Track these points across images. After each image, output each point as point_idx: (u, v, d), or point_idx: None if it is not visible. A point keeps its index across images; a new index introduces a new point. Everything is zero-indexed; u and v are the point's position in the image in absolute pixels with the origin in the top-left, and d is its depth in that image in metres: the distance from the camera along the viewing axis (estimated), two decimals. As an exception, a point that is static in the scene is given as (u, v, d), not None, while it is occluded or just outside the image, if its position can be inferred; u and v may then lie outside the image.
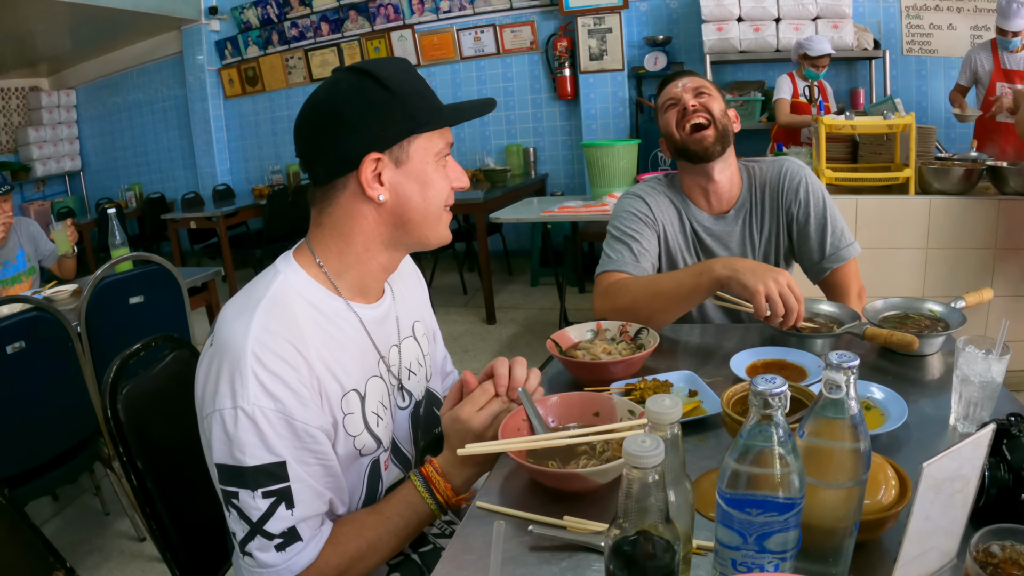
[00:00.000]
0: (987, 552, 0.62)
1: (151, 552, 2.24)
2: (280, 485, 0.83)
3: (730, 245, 1.60)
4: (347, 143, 0.90)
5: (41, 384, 1.96)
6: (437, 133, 0.95)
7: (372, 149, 0.90)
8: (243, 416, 0.82)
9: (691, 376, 1.18)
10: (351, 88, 0.91)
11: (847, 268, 1.56)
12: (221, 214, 5.14)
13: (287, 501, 0.84)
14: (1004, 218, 2.71)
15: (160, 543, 1.06)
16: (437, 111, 0.94)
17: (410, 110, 0.91)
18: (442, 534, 1.12)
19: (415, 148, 0.92)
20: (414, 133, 0.92)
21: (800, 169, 1.58)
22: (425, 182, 0.94)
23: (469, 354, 3.82)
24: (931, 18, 4.31)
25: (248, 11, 6.02)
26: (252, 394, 0.82)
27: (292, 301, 0.90)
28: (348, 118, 0.90)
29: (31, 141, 6.53)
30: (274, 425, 0.83)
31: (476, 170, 5.25)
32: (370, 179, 0.90)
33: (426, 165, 0.93)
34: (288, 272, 0.93)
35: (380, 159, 0.90)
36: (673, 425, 0.65)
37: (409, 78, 0.94)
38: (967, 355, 0.97)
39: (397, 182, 0.92)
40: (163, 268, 2.32)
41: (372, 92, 0.90)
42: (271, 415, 0.82)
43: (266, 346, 0.84)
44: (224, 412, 0.82)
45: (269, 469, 0.83)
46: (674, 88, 1.57)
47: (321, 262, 0.95)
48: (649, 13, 4.90)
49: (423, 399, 1.12)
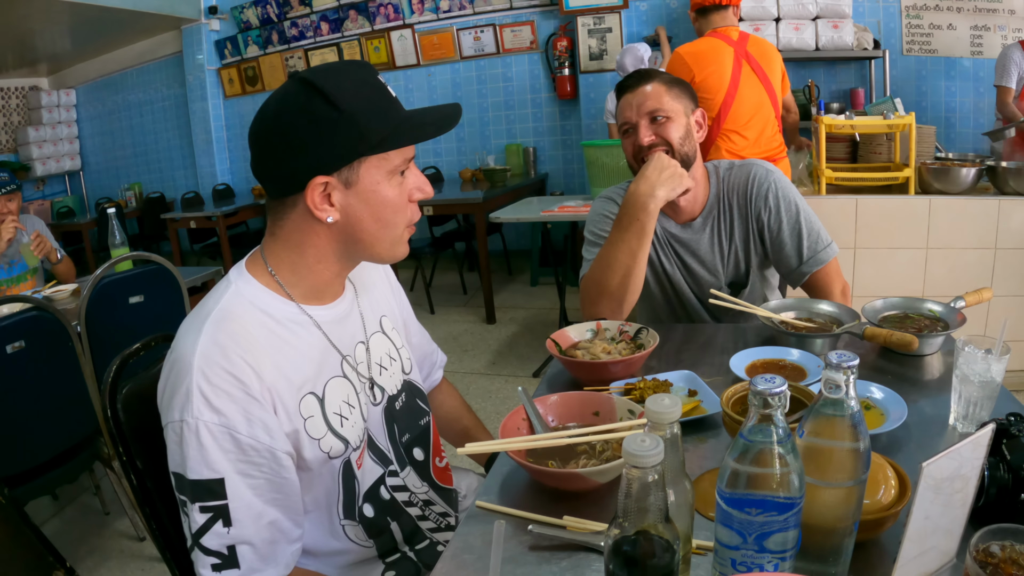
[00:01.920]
0: (987, 552, 0.62)
1: (151, 552, 2.24)
2: (218, 502, 0.82)
3: (699, 252, 1.60)
4: (292, 165, 0.86)
5: (41, 384, 1.95)
6: (396, 150, 0.89)
7: (318, 173, 0.86)
8: (187, 430, 0.81)
9: (691, 376, 1.18)
10: (298, 105, 0.85)
11: (828, 269, 1.54)
12: (221, 214, 5.14)
13: (224, 518, 0.83)
14: (1004, 218, 2.71)
15: (160, 543, 1.06)
16: (392, 128, 0.88)
17: (360, 130, 0.85)
18: (437, 528, 1.11)
19: (366, 168, 0.88)
20: (364, 156, 0.87)
21: (768, 174, 1.54)
22: (377, 203, 0.89)
23: (469, 354, 3.82)
24: (931, 18, 4.31)
25: (248, 11, 6.02)
26: (196, 408, 0.81)
27: (242, 311, 0.88)
28: (293, 139, 0.85)
29: (31, 140, 6.53)
30: (217, 439, 0.82)
31: (476, 170, 5.25)
32: (318, 201, 0.87)
33: (378, 185, 0.89)
34: (240, 283, 0.92)
35: (328, 182, 0.86)
36: (672, 425, 0.65)
37: (364, 90, 0.87)
38: (967, 355, 0.97)
39: (347, 204, 0.88)
40: (163, 268, 2.32)
41: (320, 110, 0.84)
42: (214, 429, 0.82)
43: (212, 360, 0.83)
44: (173, 425, 0.83)
45: (207, 485, 0.82)
46: (628, 109, 1.50)
47: (273, 271, 0.93)
48: (649, 13, 4.90)
49: (399, 392, 1.09)
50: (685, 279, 1.63)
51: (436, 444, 1.16)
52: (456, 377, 3.43)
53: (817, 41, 4.18)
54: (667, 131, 1.48)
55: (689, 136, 1.50)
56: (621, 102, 1.53)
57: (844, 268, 1.62)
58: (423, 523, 1.09)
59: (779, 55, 2.87)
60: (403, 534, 1.05)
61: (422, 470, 1.11)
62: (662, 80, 1.51)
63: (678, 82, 1.53)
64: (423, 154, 5.82)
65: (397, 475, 1.06)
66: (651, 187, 1.42)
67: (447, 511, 1.13)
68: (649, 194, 1.41)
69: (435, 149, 5.82)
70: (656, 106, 1.48)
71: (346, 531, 0.99)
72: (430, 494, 1.11)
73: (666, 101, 1.48)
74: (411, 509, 1.07)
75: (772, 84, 2.78)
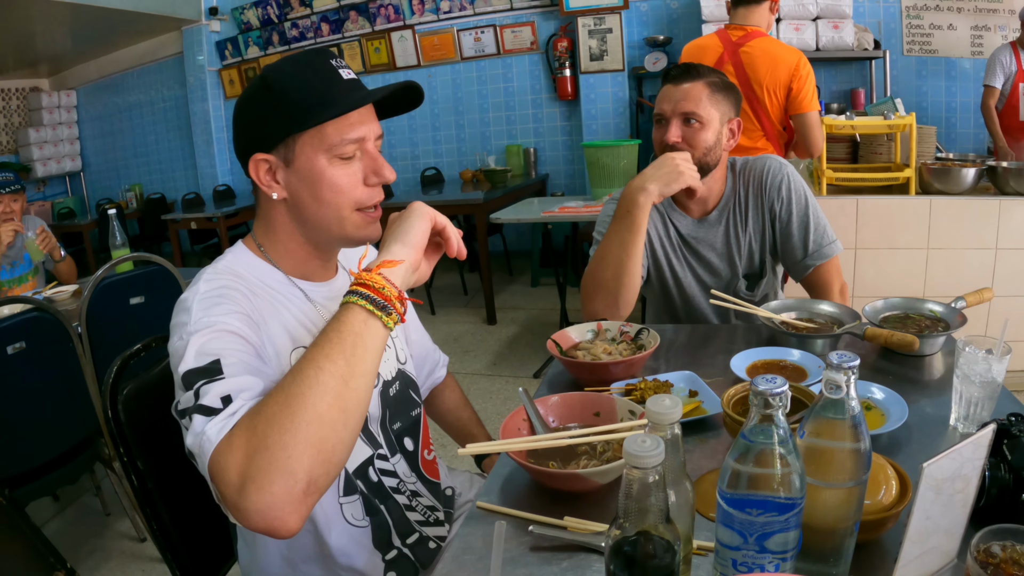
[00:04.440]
0: (988, 552, 0.62)
1: (152, 552, 2.23)
2: (214, 377, 0.78)
3: (715, 245, 1.61)
4: (240, 144, 0.94)
5: (41, 384, 1.95)
6: (332, 127, 0.89)
7: (257, 150, 0.91)
8: (185, 338, 0.81)
9: (691, 376, 1.18)
10: (246, 92, 0.94)
11: (829, 265, 1.56)
12: (221, 214, 5.14)
13: (217, 377, 0.78)
14: (1005, 218, 2.70)
15: (161, 543, 1.06)
16: (325, 105, 0.88)
17: (288, 108, 0.88)
18: (426, 522, 1.10)
19: (301, 147, 0.90)
20: (292, 133, 0.89)
21: (782, 167, 1.58)
22: (314, 182, 0.91)
23: (470, 354, 3.82)
24: (931, 18, 4.31)
25: (248, 11, 6.02)
26: (194, 320, 0.82)
27: (241, 271, 0.94)
28: (238, 121, 0.94)
29: (31, 142, 6.53)
30: (215, 336, 0.81)
31: (476, 170, 5.25)
32: (263, 178, 0.92)
33: (315, 163, 0.90)
34: (236, 252, 0.98)
35: (268, 159, 0.91)
36: (673, 425, 0.65)
37: (303, 72, 0.90)
38: (968, 355, 0.97)
39: (289, 182, 0.93)
40: (163, 268, 2.32)
41: (257, 93, 0.92)
42: (214, 329, 0.82)
43: (212, 295, 0.86)
44: (175, 345, 0.82)
45: (203, 368, 0.78)
46: (666, 101, 1.50)
47: (261, 246, 0.99)
48: (649, 13, 4.90)
49: (394, 379, 1.09)
50: (697, 279, 1.64)
51: (426, 437, 1.16)
52: (457, 378, 3.42)
53: (817, 41, 4.18)
54: (696, 137, 1.48)
55: (717, 145, 1.50)
56: (662, 91, 1.53)
57: (845, 268, 1.63)
58: (411, 514, 1.08)
59: (788, 65, 2.54)
60: (392, 521, 1.05)
61: (411, 460, 1.11)
62: (707, 82, 1.48)
63: (723, 87, 1.50)
64: (423, 154, 5.83)
65: (387, 459, 1.06)
66: (643, 181, 1.43)
67: (435, 504, 1.13)
68: (640, 188, 1.43)
69: (435, 150, 5.82)
70: (692, 109, 1.47)
71: (344, 511, 0.99)
72: (418, 485, 1.11)
73: (703, 106, 1.47)
74: (399, 496, 1.07)
75: (756, 91, 2.62)
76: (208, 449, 0.72)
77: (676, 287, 1.65)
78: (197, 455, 0.75)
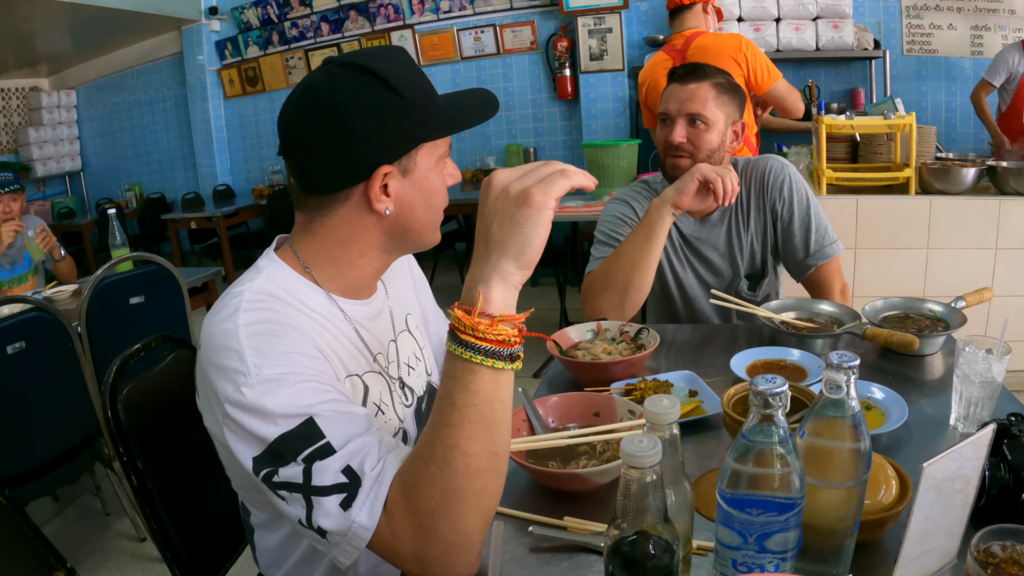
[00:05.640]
0: (988, 552, 0.62)
1: (151, 552, 2.23)
2: (316, 444, 0.72)
3: (717, 246, 1.61)
4: (356, 155, 0.82)
5: (41, 384, 1.95)
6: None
7: (384, 162, 0.83)
8: (250, 391, 0.72)
9: (691, 376, 1.18)
10: (356, 91, 0.81)
11: (830, 265, 1.56)
12: (221, 214, 5.14)
13: (326, 451, 0.72)
14: (1005, 218, 2.70)
15: (160, 543, 1.06)
16: (442, 113, 0.87)
17: (420, 116, 0.83)
18: None
19: (422, 155, 0.86)
20: (424, 142, 0.85)
21: (784, 167, 1.58)
22: (429, 190, 0.88)
23: (469, 354, 3.81)
24: (931, 18, 4.31)
25: (248, 11, 6.01)
26: (252, 365, 0.73)
27: (278, 293, 0.85)
28: (358, 128, 0.81)
29: (31, 141, 6.53)
30: (285, 385, 0.73)
31: (476, 170, 5.25)
32: (378, 192, 0.84)
33: (430, 172, 0.88)
34: (272, 269, 0.88)
35: (390, 171, 0.84)
36: (671, 425, 0.65)
37: (416, 76, 0.85)
38: (968, 355, 0.97)
39: (403, 192, 0.86)
40: (163, 268, 2.32)
41: (382, 97, 0.81)
42: (280, 376, 0.74)
43: (256, 323, 0.78)
44: (230, 407, 0.73)
45: (296, 433, 0.72)
46: (672, 101, 1.51)
47: (308, 266, 0.89)
48: (649, 13, 4.89)
49: (425, 393, 1.09)
50: (699, 279, 1.64)
51: None
52: (456, 377, 3.41)
53: (817, 41, 4.18)
54: (701, 138, 1.48)
55: (721, 147, 1.51)
56: (667, 89, 1.53)
57: (845, 268, 1.64)
58: None
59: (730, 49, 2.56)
60: None
61: None
62: (713, 83, 1.49)
63: (729, 88, 1.51)
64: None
65: None
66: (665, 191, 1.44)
67: None
68: (660, 198, 1.44)
69: (435, 149, 5.82)
70: (698, 110, 1.48)
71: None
72: None
73: (709, 107, 1.48)
74: None
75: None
76: (364, 536, 0.71)
77: (677, 287, 1.65)
78: (341, 535, 0.71)
